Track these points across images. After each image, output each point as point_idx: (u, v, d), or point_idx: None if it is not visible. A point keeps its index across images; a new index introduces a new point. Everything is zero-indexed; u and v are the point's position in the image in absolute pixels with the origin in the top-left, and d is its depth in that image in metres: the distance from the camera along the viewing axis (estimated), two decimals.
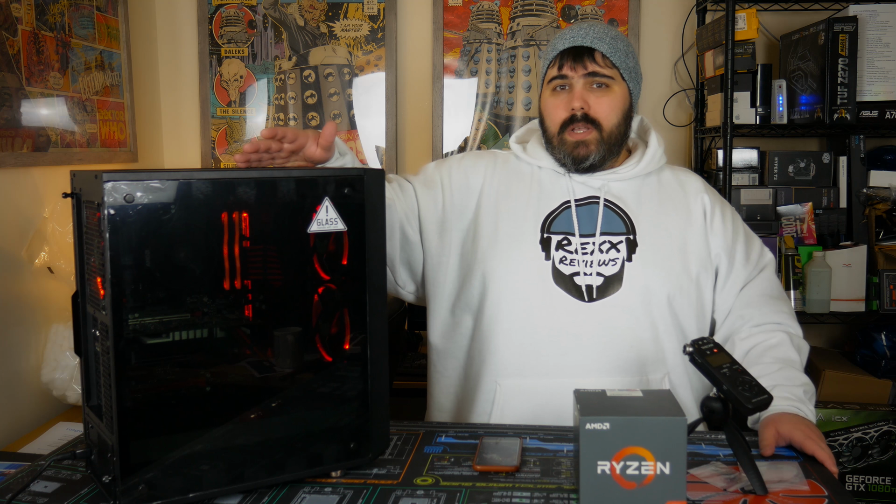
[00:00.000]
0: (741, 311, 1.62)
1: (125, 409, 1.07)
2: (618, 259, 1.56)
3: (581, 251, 1.57)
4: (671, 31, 2.84)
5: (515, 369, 1.56)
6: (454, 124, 2.88)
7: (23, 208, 2.04)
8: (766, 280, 1.66)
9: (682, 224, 1.63)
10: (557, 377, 1.54)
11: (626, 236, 1.58)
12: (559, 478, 1.23)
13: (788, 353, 1.53)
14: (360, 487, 1.21)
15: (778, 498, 1.17)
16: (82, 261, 1.16)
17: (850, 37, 2.44)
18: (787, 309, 1.64)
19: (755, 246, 1.69)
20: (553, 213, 1.61)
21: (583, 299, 1.55)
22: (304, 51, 2.88)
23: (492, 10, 2.84)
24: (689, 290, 1.59)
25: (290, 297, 1.20)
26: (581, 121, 1.57)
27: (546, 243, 1.58)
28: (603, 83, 1.57)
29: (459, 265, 1.64)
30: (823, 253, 2.53)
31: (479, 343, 1.61)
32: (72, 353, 2.03)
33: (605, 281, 1.55)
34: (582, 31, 1.58)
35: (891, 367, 2.58)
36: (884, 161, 2.67)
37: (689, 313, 1.60)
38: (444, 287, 1.65)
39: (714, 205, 1.67)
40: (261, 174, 1.16)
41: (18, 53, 2.01)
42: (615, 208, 1.61)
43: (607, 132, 1.58)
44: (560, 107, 1.59)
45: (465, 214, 1.66)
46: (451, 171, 1.70)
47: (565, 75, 1.58)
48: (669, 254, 1.59)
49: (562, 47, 1.58)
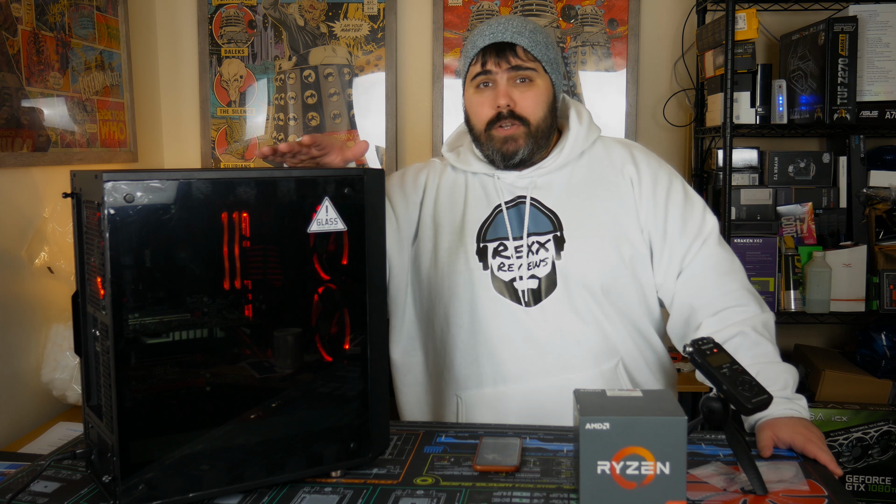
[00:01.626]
0: (691, 299, 1.55)
1: (125, 409, 1.07)
2: (548, 258, 1.57)
3: (516, 255, 1.58)
4: (671, 31, 2.84)
5: (474, 381, 1.59)
6: (454, 124, 2.84)
7: (23, 208, 2.04)
8: (711, 254, 1.57)
9: (611, 206, 1.59)
10: (514, 383, 1.56)
11: (553, 234, 1.58)
12: (559, 478, 1.23)
13: (757, 348, 1.47)
14: (360, 487, 1.21)
15: (778, 498, 1.17)
16: (82, 261, 1.16)
17: (850, 37, 2.44)
18: (738, 283, 1.55)
19: (694, 213, 1.59)
20: (487, 219, 1.62)
21: (523, 304, 1.56)
22: (304, 51, 2.88)
23: (492, 10, 2.84)
24: (624, 276, 1.57)
25: (290, 297, 1.20)
26: (508, 118, 1.56)
27: (483, 253, 1.60)
28: (526, 77, 1.56)
29: (411, 282, 1.67)
30: (823, 253, 2.53)
31: (434, 359, 1.65)
32: (72, 353, 2.03)
33: (540, 282, 1.56)
34: (501, 26, 1.57)
35: (891, 367, 2.58)
36: (884, 161, 2.67)
37: (630, 299, 1.58)
38: (402, 305, 1.68)
39: (641, 172, 1.61)
40: (261, 174, 1.16)
41: (18, 53, 2.01)
42: (541, 207, 1.60)
43: (535, 126, 1.57)
44: (485, 104, 1.58)
45: (410, 231, 1.69)
46: (393, 189, 1.71)
47: (489, 70, 1.56)
48: (599, 244, 1.57)
49: (482, 44, 1.57)
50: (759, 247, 2.53)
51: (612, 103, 2.83)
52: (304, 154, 1.43)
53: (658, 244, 1.59)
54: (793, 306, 2.56)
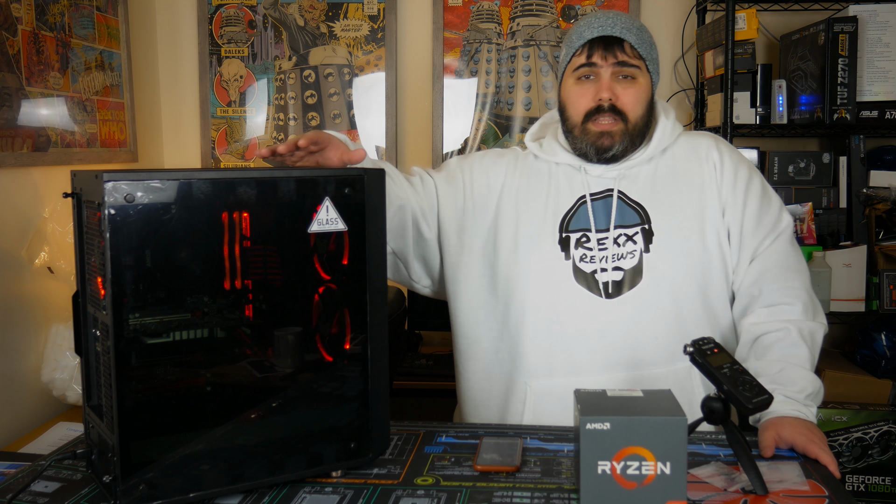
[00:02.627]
0: (752, 286, 1.57)
1: (125, 409, 1.07)
2: (635, 251, 1.56)
3: (599, 247, 1.57)
4: (671, 31, 2.84)
5: (545, 370, 1.57)
6: (454, 124, 2.88)
7: (23, 208, 2.04)
8: (782, 250, 1.59)
9: (696, 197, 1.60)
10: (586, 374, 1.54)
11: (642, 226, 1.57)
12: (559, 478, 1.23)
13: (794, 349, 1.49)
14: (361, 487, 1.21)
15: (778, 498, 1.17)
16: (82, 261, 1.16)
17: (850, 37, 2.44)
18: (800, 283, 1.57)
19: (771, 209, 1.61)
20: (570, 210, 1.61)
21: (605, 296, 1.55)
22: (304, 51, 2.88)
23: (492, 10, 2.84)
24: (714, 268, 1.57)
25: (291, 296, 1.20)
26: (608, 111, 1.56)
27: (565, 242, 1.58)
28: (630, 74, 1.57)
29: (482, 267, 1.64)
30: (823, 253, 2.53)
31: (506, 345, 1.61)
32: (72, 353, 2.03)
33: (624, 275, 1.55)
34: (610, 20, 1.57)
35: (891, 367, 2.58)
36: (884, 161, 2.67)
37: (717, 292, 1.58)
38: (467, 287, 1.65)
39: (724, 159, 1.62)
40: (261, 174, 1.16)
41: (18, 53, 2.01)
42: (628, 200, 1.60)
43: (632, 124, 1.58)
44: (586, 96, 1.58)
45: (485, 216, 1.66)
46: (473, 170, 1.69)
47: (594, 63, 1.56)
48: (688, 237, 1.57)
49: (590, 36, 1.56)
50: None
51: None
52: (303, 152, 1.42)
53: (735, 233, 1.59)
54: None
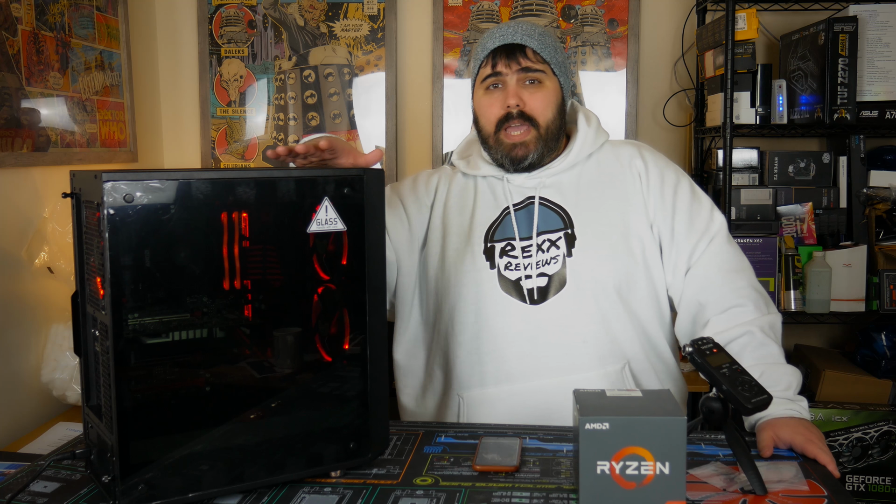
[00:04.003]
0: (698, 296, 1.55)
1: (125, 409, 1.07)
2: (558, 256, 1.57)
3: (524, 255, 1.58)
4: (671, 31, 2.84)
5: (476, 380, 1.59)
6: (454, 124, 2.87)
7: (23, 208, 2.04)
8: (720, 252, 1.57)
9: (621, 205, 1.60)
10: (518, 382, 1.56)
11: (564, 231, 1.58)
12: (559, 478, 1.23)
13: (763, 349, 1.48)
14: (360, 487, 1.21)
15: (777, 498, 1.17)
16: (82, 261, 1.16)
17: (850, 37, 2.44)
18: (746, 282, 1.55)
19: (702, 212, 1.60)
20: (496, 221, 1.63)
21: (530, 302, 1.56)
22: (304, 51, 2.88)
23: (492, 10, 2.84)
24: (637, 275, 1.57)
25: (290, 297, 1.20)
26: (517, 118, 1.57)
27: (490, 252, 1.60)
28: (535, 79, 1.58)
29: (417, 284, 1.68)
30: (823, 253, 2.53)
31: (438, 359, 1.65)
32: (72, 353, 2.03)
33: (549, 280, 1.56)
34: (511, 28, 1.59)
35: (891, 367, 2.58)
36: (884, 161, 2.67)
37: (641, 298, 1.58)
38: (408, 307, 1.69)
39: (649, 167, 1.62)
40: (260, 174, 1.16)
41: (18, 53, 2.01)
42: (550, 205, 1.61)
43: (544, 128, 1.59)
44: (495, 105, 1.59)
45: (421, 235, 1.70)
46: (405, 193, 1.73)
47: (499, 72, 1.58)
48: (611, 241, 1.57)
49: (492, 46, 1.59)
50: (760, 247, 2.53)
51: (612, 103, 2.83)
52: (316, 156, 1.43)
53: (667, 242, 1.60)
54: (793, 306, 2.56)
